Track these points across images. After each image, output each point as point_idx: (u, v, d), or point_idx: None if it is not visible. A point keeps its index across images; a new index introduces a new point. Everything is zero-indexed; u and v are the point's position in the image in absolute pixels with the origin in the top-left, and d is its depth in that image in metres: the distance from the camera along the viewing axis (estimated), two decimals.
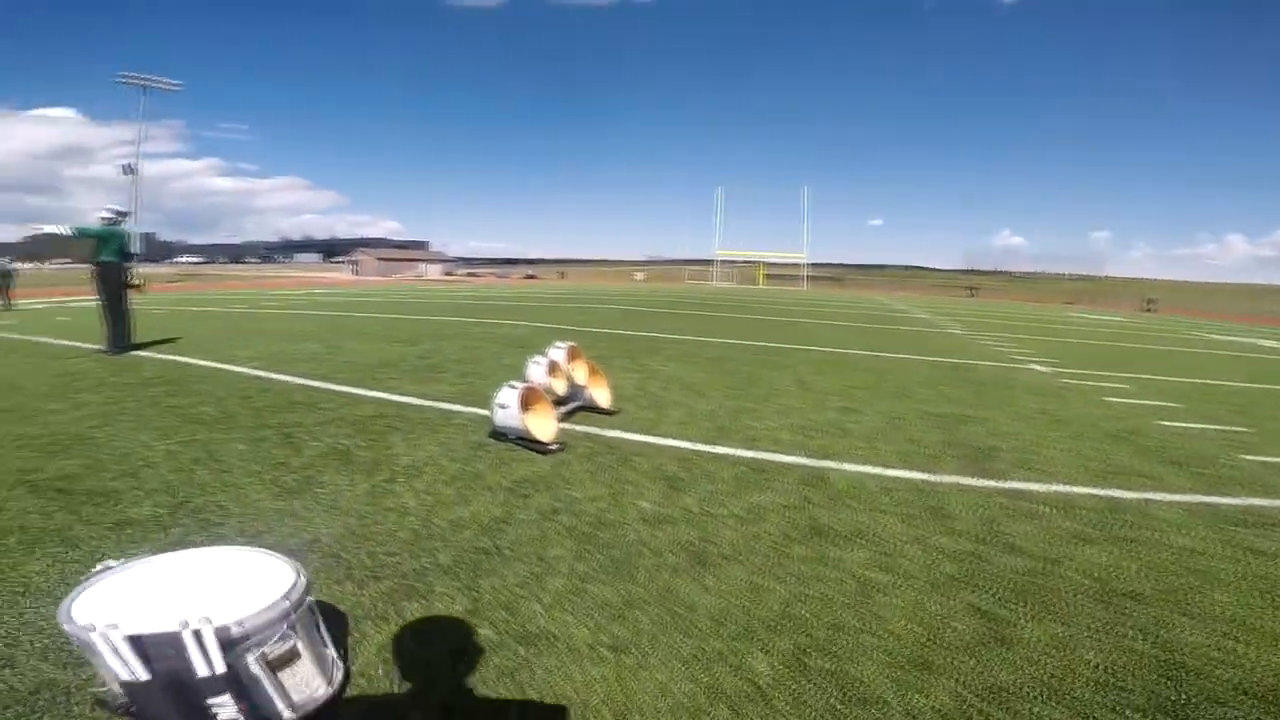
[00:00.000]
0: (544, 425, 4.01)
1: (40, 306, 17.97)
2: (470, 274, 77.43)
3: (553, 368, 4.69)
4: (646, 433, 4.35)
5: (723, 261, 64.42)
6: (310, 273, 76.05)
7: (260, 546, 1.64)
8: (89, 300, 8.30)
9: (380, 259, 76.41)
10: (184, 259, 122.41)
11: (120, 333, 7.07)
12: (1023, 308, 33.63)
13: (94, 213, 7.07)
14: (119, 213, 7.17)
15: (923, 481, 3.52)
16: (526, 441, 3.88)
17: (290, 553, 1.63)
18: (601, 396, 4.91)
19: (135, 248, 7.37)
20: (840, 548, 2.63)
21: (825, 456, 3.92)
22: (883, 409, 5.35)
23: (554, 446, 3.87)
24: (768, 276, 61.62)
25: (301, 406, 4.74)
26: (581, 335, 9.59)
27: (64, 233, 6.87)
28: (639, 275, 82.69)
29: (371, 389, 5.38)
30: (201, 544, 2.22)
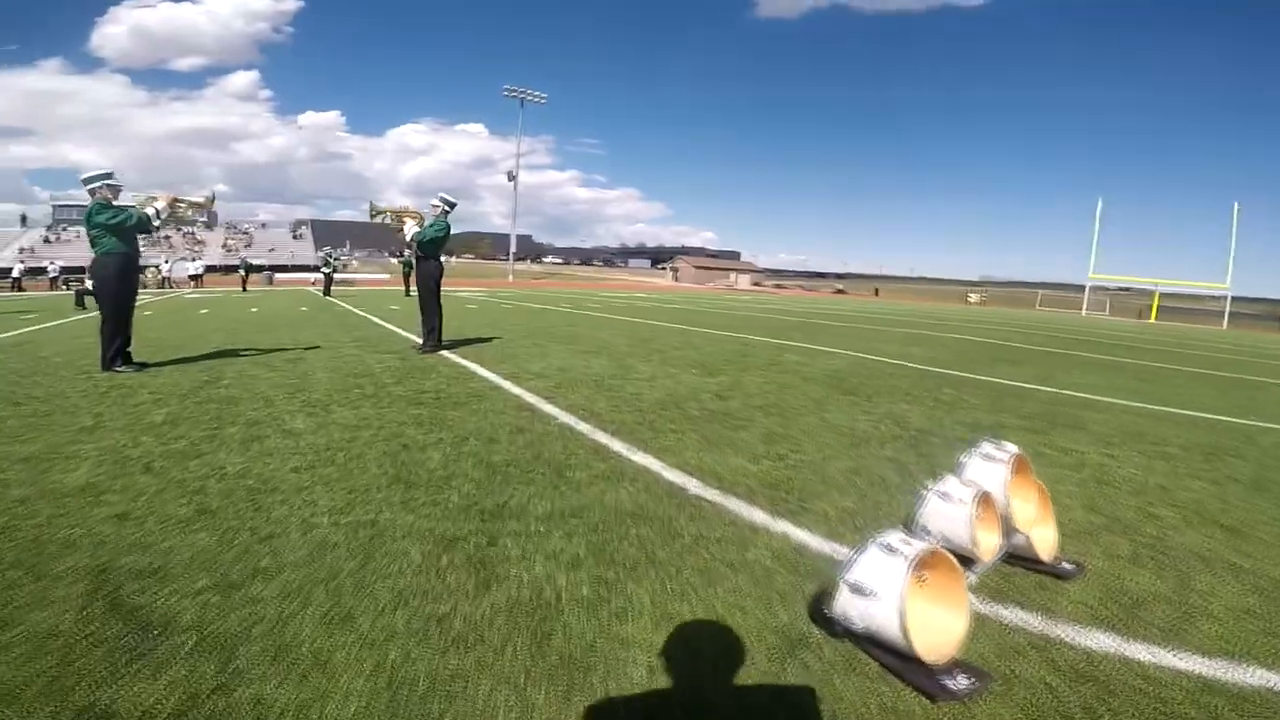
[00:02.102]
0: (939, 630, 1.80)
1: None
2: (778, 286, 76.48)
3: (983, 502, 2.24)
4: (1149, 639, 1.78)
5: (1095, 287, 51.03)
6: (638, 277, 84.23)
7: None
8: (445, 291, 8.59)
9: (696, 267, 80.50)
10: (549, 259, 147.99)
11: (432, 330, 6.98)
12: None
13: (428, 201, 7.12)
14: (449, 203, 7.11)
15: None
16: (900, 663, 1.72)
17: None
18: (1044, 541, 2.41)
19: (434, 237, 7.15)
20: None
21: None
22: None
23: (963, 682, 1.64)
24: (1162, 309, 46.58)
25: (542, 475, 3.32)
26: (928, 378, 6.85)
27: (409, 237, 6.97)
28: (974, 297, 71.17)
29: (644, 450, 3.79)
30: None
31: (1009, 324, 22.89)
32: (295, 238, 75.22)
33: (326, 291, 20.31)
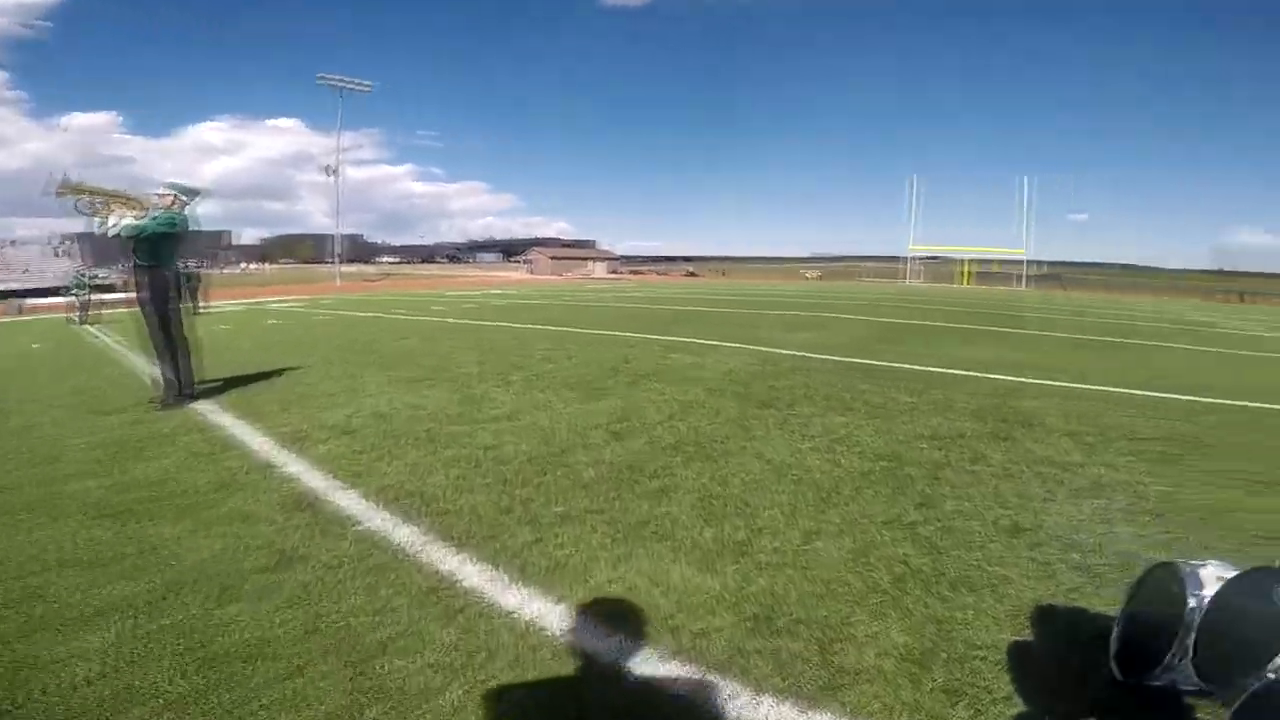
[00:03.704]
0: None
1: (234, 308, 18.02)
2: (634, 272, 76.70)
3: None
4: None
5: (916, 258, 56.41)
6: (490, 272, 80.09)
7: None
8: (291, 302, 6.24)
9: (553, 258, 78.23)
10: (384, 259, 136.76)
11: (177, 372, 4.72)
12: None
13: (155, 189, 4.77)
14: (186, 191, 4.82)
15: None
16: None
17: None
18: None
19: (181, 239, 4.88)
20: None
21: None
22: None
23: None
24: (976, 275, 52.56)
25: (316, 703, 1.62)
26: (835, 372, 5.83)
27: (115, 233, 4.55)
28: (810, 274, 76.16)
29: (521, 577, 2.18)
30: None
31: (858, 297, 23.83)
32: (58, 255, 62.11)
33: (83, 319, 15.97)
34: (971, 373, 6.27)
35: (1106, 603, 1.95)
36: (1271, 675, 1.16)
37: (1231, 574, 1.44)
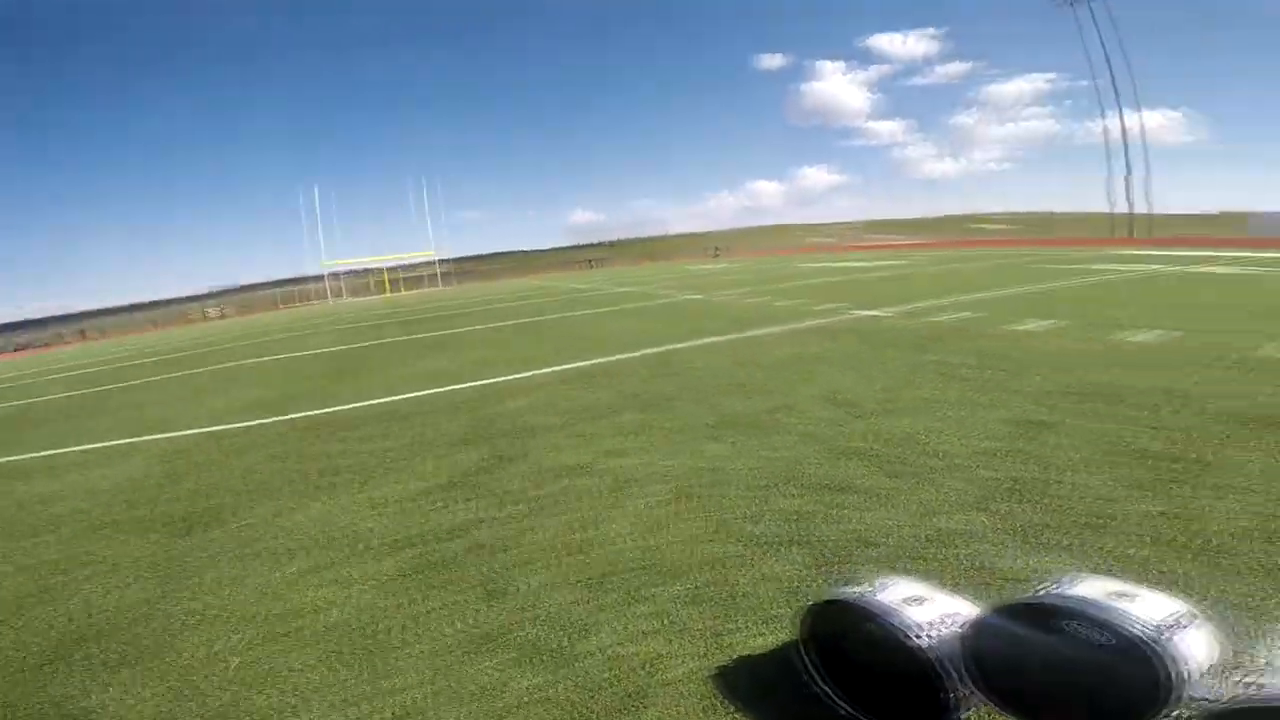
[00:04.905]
0: None
1: None
2: None
3: None
4: None
5: (334, 274, 54.80)
6: None
7: None
8: None
9: None
10: None
11: None
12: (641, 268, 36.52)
13: None
14: None
15: None
16: None
17: None
18: None
19: None
20: None
21: None
22: None
23: None
24: (400, 281, 54.72)
25: None
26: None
27: None
28: (213, 312, 64.79)
29: None
30: None
31: (272, 332, 21.25)
32: None
33: None
34: (443, 388, 6.06)
35: None
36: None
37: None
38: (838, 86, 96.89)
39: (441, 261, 57.23)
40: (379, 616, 2.22)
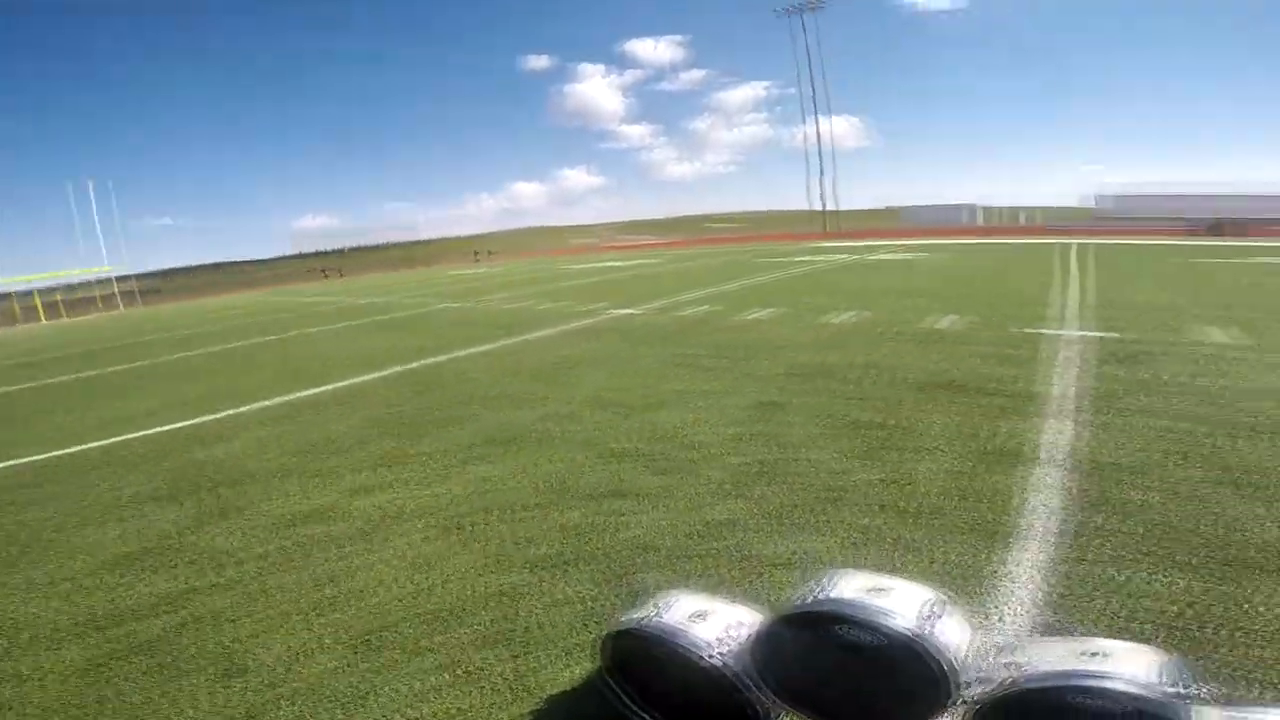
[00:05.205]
0: None
1: None
2: None
3: None
4: None
5: None
6: None
7: None
8: None
9: None
10: None
11: None
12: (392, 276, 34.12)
13: None
14: None
15: None
16: None
17: None
18: None
19: None
20: None
21: None
22: None
23: None
24: (60, 305, 42.34)
25: None
26: None
27: None
28: None
29: None
30: None
31: None
32: None
33: None
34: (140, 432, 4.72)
35: None
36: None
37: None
38: (597, 89, 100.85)
39: (123, 279, 45.98)
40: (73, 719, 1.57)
